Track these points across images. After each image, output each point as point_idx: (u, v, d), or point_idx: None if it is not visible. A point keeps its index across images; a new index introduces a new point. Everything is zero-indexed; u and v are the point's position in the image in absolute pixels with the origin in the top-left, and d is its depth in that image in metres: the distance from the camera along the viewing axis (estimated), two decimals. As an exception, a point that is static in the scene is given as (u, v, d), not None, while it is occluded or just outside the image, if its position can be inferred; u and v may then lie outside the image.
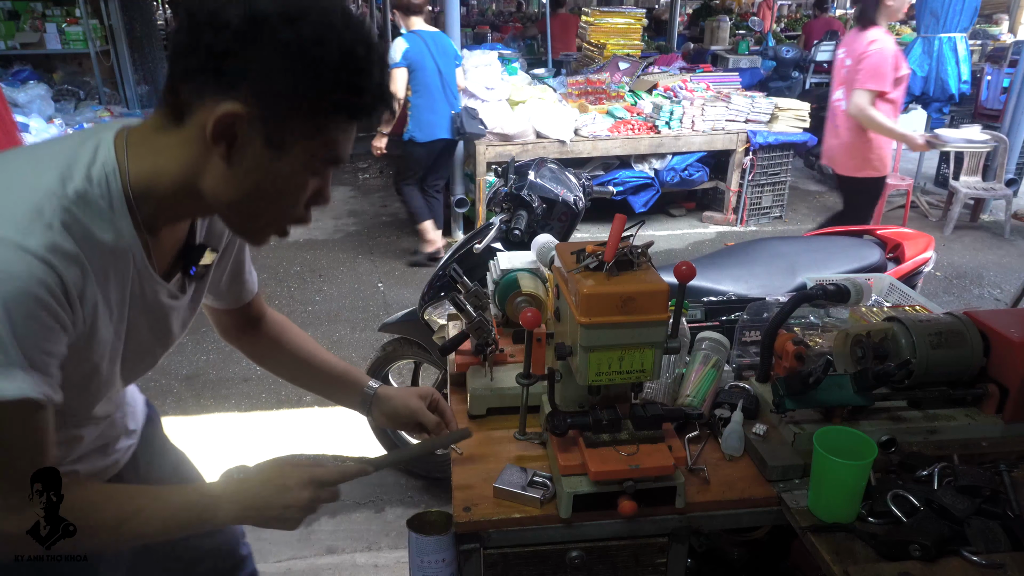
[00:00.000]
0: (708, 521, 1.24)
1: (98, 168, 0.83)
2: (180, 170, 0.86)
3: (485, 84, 5.44)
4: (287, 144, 0.84)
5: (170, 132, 0.85)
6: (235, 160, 0.84)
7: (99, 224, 0.84)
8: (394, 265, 5.29)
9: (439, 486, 2.88)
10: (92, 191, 0.82)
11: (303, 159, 0.86)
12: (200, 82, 0.80)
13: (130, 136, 0.87)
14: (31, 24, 6.17)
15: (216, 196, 0.87)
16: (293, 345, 1.35)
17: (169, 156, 0.86)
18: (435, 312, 2.58)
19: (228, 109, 0.80)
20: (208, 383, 3.66)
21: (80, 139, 0.87)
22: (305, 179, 0.89)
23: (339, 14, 0.82)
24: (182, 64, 0.81)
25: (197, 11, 0.79)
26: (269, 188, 0.87)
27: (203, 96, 0.81)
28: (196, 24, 0.79)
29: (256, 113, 0.81)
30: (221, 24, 0.77)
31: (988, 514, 1.12)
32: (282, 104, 0.82)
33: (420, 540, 1.17)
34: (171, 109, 0.84)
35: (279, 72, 0.80)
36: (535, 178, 2.60)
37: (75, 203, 0.81)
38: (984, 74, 7.11)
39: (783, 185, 6.12)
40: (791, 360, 1.36)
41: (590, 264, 1.13)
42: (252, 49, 0.78)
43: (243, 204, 0.89)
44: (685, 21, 14.63)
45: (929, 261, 2.85)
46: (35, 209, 0.78)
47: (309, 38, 0.79)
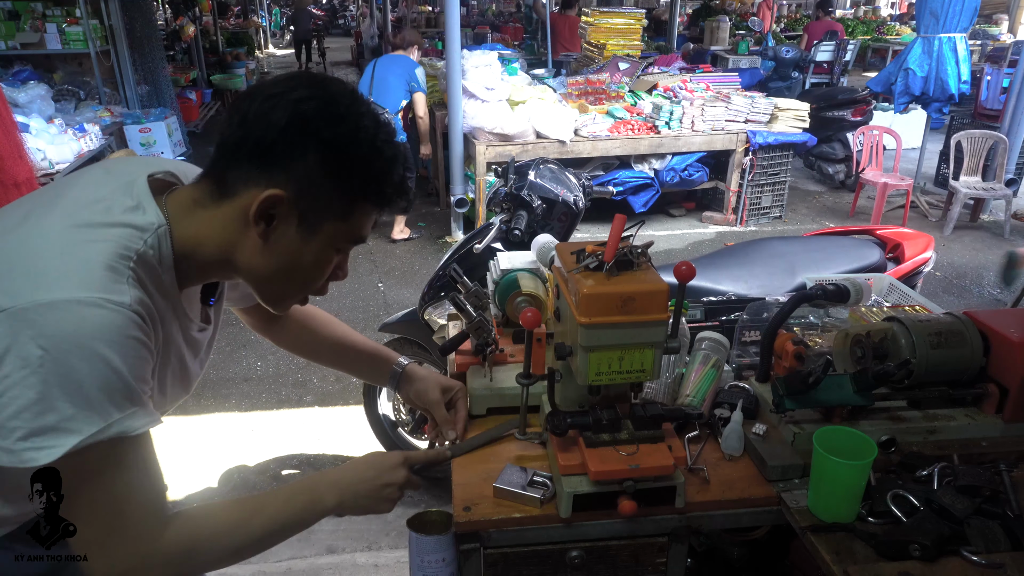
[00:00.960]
0: (708, 521, 1.24)
1: (151, 234, 0.92)
2: (220, 242, 0.97)
3: (485, 84, 5.45)
4: (318, 226, 0.96)
5: (212, 207, 0.96)
6: (271, 239, 0.95)
7: (153, 280, 0.93)
8: (394, 265, 5.29)
9: (439, 486, 2.88)
10: (148, 253, 0.91)
11: (331, 240, 0.99)
12: (246, 169, 0.92)
13: (171, 201, 0.97)
14: (31, 24, 6.17)
15: (249, 269, 0.99)
16: (322, 330, 1.42)
17: (211, 229, 0.96)
18: (435, 312, 2.59)
19: (272, 193, 0.91)
20: (208, 383, 3.66)
21: (118, 190, 0.94)
22: (331, 257, 1.01)
23: (370, 118, 0.95)
24: (231, 152, 0.93)
25: (248, 110, 0.92)
26: (298, 265, 0.99)
27: (248, 182, 0.93)
28: (246, 121, 0.92)
29: (294, 198, 0.93)
30: (270, 123, 0.90)
31: (988, 514, 1.12)
32: (317, 192, 0.94)
33: (420, 540, 1.18)
34: (216, 187, 0.95)
35: (317, 165, 0.92)
36: (535, 178, 2.60)
37: (138, 263, 0.89)
38: (984, 74, 7.11)
39: (783, 185, 6.12)
40: (791, 360, 1.36)
41: (590, 264, 1.13)
42: (296, 145, 0.91)
43: (273, 278, 1.00)
44: (685, 21, 14.64)
45: (929, 261, 2.85)
46: (111, 269, 0.86)
47: (345, 138, 0.93)
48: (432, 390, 1.41)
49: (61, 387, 0.80)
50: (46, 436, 0.81)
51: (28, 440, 0.81)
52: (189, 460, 3.00)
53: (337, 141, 0.92)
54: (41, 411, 0.80)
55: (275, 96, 0.92)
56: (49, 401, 0.80)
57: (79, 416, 0.81)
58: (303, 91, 0.93)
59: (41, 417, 0.80)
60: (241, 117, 0.92)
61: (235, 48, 13.14)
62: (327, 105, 0.92)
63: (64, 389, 0.81)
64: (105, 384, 0.83)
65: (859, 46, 12.20)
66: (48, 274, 0.84)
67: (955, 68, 5.79)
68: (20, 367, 0.79)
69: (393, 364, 1.44)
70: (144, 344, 0.88)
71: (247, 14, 18.30)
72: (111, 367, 0.83)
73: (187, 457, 3.02)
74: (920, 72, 5.90)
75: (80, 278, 0.84)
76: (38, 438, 0.81)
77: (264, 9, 20.94)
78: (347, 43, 18.12)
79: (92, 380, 0.82)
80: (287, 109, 0.91)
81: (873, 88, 6.54)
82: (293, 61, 17.58)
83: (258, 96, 0.93)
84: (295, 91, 0.92)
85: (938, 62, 5.81)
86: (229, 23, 15.99)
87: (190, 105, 8.93)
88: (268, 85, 0.94)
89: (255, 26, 17.37)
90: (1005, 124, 5.93)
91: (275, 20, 23.19)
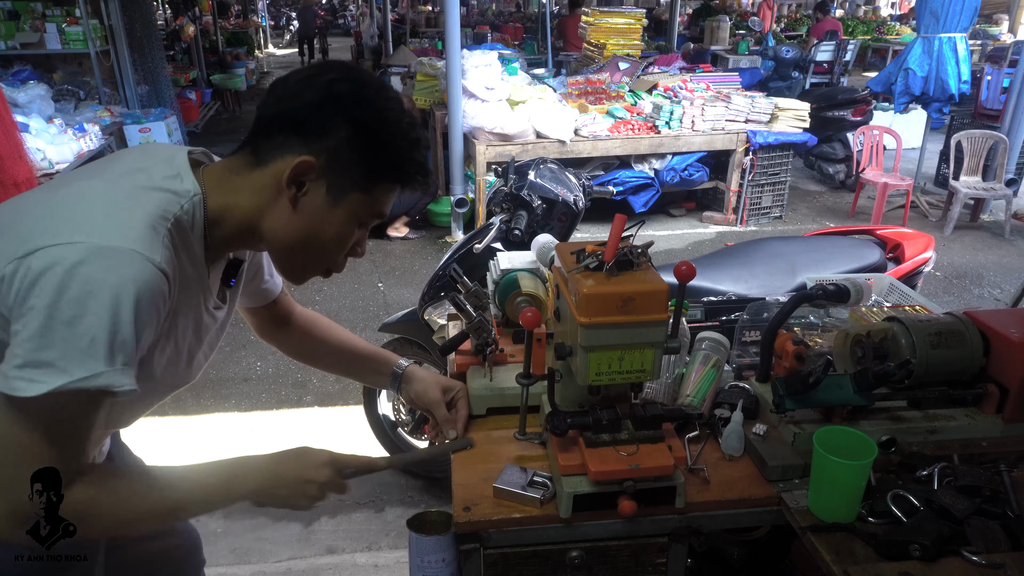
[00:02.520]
0: (708, 521, 1.23)
1: (188, 200, 0.97)
2: (249, 207, 1.02)
3: (485, 84, 5.44)
4: (343, 197, 1.02)
5: (245, 175, 1.02)
6: (299, 204, 1.01)
7: (184, 246, 0.97)
8: (394, 265, 5.29)
9: (439, 486, 2.88)
10: (184, 218, 0.96)
11: (354, 211, 1.04)
12: (281, 140, 0.99)
13: (207, 172, 1.02)
14: (31, 24, 6.17)
15: (274, 235, 1.03)
16: (324, 337, 1.46)
17: (242, 195, 1.02)
18: (435, 312, 2.58)
19: (305, 159, 0.98)
20: (208, 383, 3.66)
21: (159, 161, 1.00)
22: (352, 229, 1.06)
23: (396, 103, 1.03)
24: (267, 124, 1.00)
25: (284, 89, 1.00)
26: (321, 234, 1.04)
27: (283, 150, 0.99)
28: (282, 98, 0.99)
29: (324, 167, 0.99)
30: (305, 100, 0.98)
31: (988, 514, 1.12)
32: (346, 164, 1.00)
33: (420, 540, 1.17)
34: (252, 156, 1.01)
35: (347, 140, 0.99)
36: (535, 178, 2.60)
37: (174, 226, 0.94)
38: (984, 74, 7.11)
39: (783, 185, 6.12)
40: (791, 360, 1.36)
41: (590, 264, 1.13)
42: (328, 120, 0.98)
43: (296, 246, 1.05)
44: (685, 21, 14.64)
45: (929, 261, 2.85)
46: (151, 228, 0.91)
47: (374, 118, 1.00)
48: (432, 390, 1.42)
49: (70, 325, 0.83)
50: (40, 370, 0.83)
51: (23, 370, 0.83)
52: (189, 460, 2.99)
53: (366, 120, 0.99)
54: (43, 344, 0.83)
55: (310, 77, 1.00)
56: (55, 336, 0.83)
57: (76, 359, 0.84)
58: (336, 74, 1.00)
59: (41, 351, 0.83)
60: (277, 95, 1.00)
61: (235, 48, 13.14)
62: (358, 88, 1.00)
63: (73, 328, 0.83)
64: (112, 332, 0.85)
65: (859, 46, 12.20)
66: (91, 222, 0.88)
67: (955, 68, 5.79)
68: (43, 298, 0.83)
69: (393, 366, 1.45)
70: (157, 308, 0.91)
71: (247, 14, 18.33)
72: (124, 317, 0.86)
73: (187, 457, 3.01)
74: (920, 72, 5.90)
75: (120, 229, 0.88)
76: (32, 370, 0.83)
77: (264, 9, 20.94)
78: (347, 43, 18.13)
79: (102, 325, 0.84)
80: (321, 88, 0.98)
81: (873, 88, 6.53)
82: (293, 61, 17.61)
83: (294, 77, 1.01)
84: (329, 74, 1.00)
85: (938, 62, 5.81)
86: (229, 23, 16.00)
87: (190, 105, 8.93)
88: (304, 69, 1.02)
89: (255, 26, 17.39)
90: (1005, 124, 5.93)
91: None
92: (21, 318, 0.84)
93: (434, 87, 6.30)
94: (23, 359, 0.83)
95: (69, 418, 0.89)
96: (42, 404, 0.84)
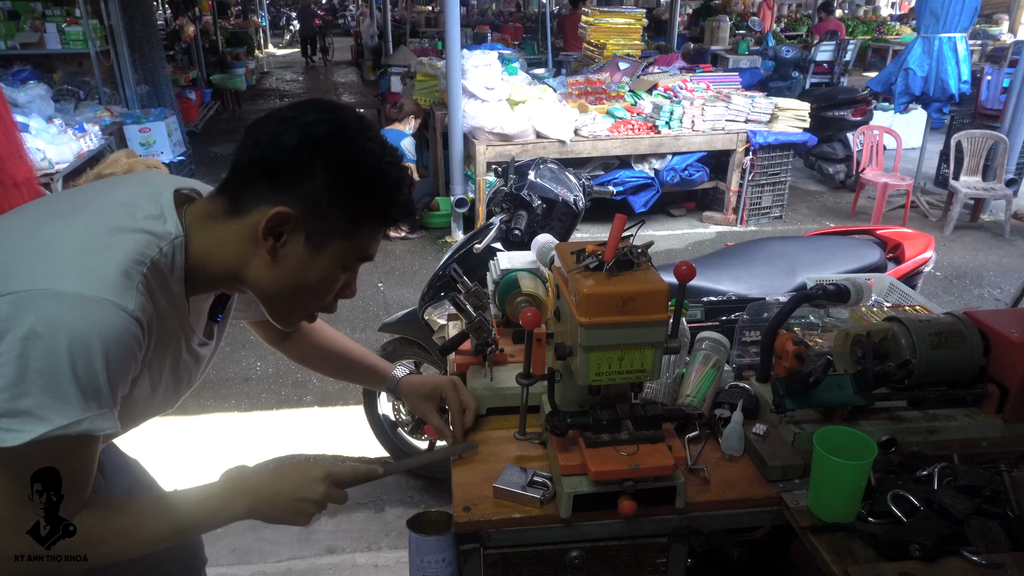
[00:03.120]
0: (708, 521, 1.24)
1: (167, 243, 0.96)
2: (230, 257, 1.00)
3: (485, 84, 5.44)
4: (325, 245, 1.00)
5: (225, 223, 0.99)
6: (279, 255, 0.99)
7: (162, 288, 0.96)
8: (394, 265, 5.29)
9: (439, 486, 2.88)
10: (162, 261, 0.95)
11: (337, 257, 1.02)
12: (257, 188, 0.96)
13: (189, 212, 1.01)
14: (31, 24, 6.16)
15: (258, 284, 1.02)
16: (327, 346, 1.46)
17: (223, 243, 1.00)
18: (435, 312, 2.58)
19: (280, 210, 0.95)
20: (208, 383, 3.66)
21: (145, 197, 0.99)
22: (337, 275, 1.04)
23: (377, 142, 0.99)
24: (244, 171, 0.97)
25: (261, 132, 0.97)
26: (305, 282, 1.02)
27: (259, 200, 0.96)
28: (259, 142, 0.96)
29: (301, 216, 0.96)
30: (281, 145, 0.95)
31: (988, 514, 1.12)
32: (325, 211, 0.97)
33: (420, 540, 1.18)
34: (229, 204, 0.99)
35: (325, 185, 0.96)
36: (535, 178, 2.60)
37: (150, 270, 0.93)
38: (984, 74, 7.11)
39: (783, 185, 6.12)
40: (791, 360, 1.36)
41: (590, 264, 1.13)
42: (304, 165, 0.95)
43: (280, 294, 1.03)
44: (685, 21, 14.64)
45: (929, 261, 2.85)
46: (124, 274, 0.89)
47: (352, 160, 0.97)
48: (420, 403, 1.43)
49: (44, 374, 0.83)
50: (19, 419, 0.83)
51: (1, 420, 0.83)
52: (189, 460, 3.00)
53: (344, 163, 0.96)
54: (19, 394, 0.83)
55: (287, 120, 0.96)
56: (29, 385, 0.83)
57: (54, 407, 0.84)
58: (314, 115, 0.97)
59: (17, 400, 0.83)
60: (255, 139, 0.97)
61: (235, 48, 13.15)
62: (336, 129, 0.97)
63: (47, 376, 0.83)
64: (87, 380, 0.85)
65: (859, 46, 12.20)
66: (66, 267, 0.87)
67: (955, 68, 5.79)
68: (13, 347, 0.82)
69: (388, 376, 1.47)
70: (133, 355, 0.91)
71: (247, 14, 18.35)
72: (97, 366, 0.85)
73: (187, 457, 3.02)
74: (920, 72, 5.90)
75: (94, 276, 0.87)
76: (10, 419, 0.83)
77: (264, 9, 20.97)
78: (347, 43, 18.18)
79: (76, 373, 0.84)
80: (298, 131, 0.95)
81: (873, 88, 6.53)
82: (292, 61, 17.71)
83: (271, 119, 0.98)
84: (307, 115, 0.97)
85: (938, 62, 5.81)
86: (229, 23, 16.02)
87: (190, 105, 8.93)
88: (283, 110, 0.99)
89: (255, 26, 17.42)
90: (1005, 124, 5.92)
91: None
92: None
93: (434, 87, 6.30)
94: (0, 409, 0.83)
95: (55, 463, 0.89)
96: (25, 453, 0.84)
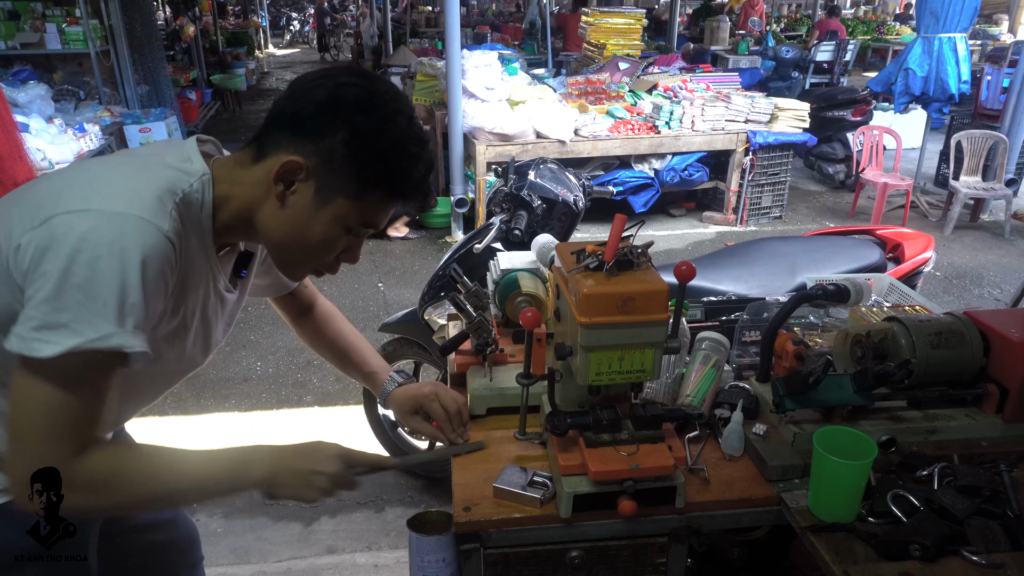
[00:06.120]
0: (708, 521, 1.24)
1: (196, 179, 1.01)
2: (244, 199, 1.04)
3: (485, 84, 5.44)
4: (331, 200, 1.02)
5: (247, 168, 1.04)
6: (287, 203, 1.02)
7: (192, 222, 1.00)
8: (394, 265, 5.29)
9: (439, 486, 2.88)
10: (193, 195, 1.00)
11: (341, 215, 1.04)
12: (281, 136, 1.01)
13: (216, 163, 1.05)
14: (31, 24, 6.15)
15: (266, 229, 1.05)
16: (336, 336, 1.49)
17: (240, 186, 1.04)
18: (435, 312, 2.58)
19: (293, 158, 0.99)
20: (208, 383, 3.67)
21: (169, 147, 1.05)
22: (339, 234, 1.06)
23: (405, 115, 1.03)
24: (273, 120, 1.02)
25: (299, 86, 1.02)
26: (307, 234, 1.05)
27: (280, 147, 1.01)
28: (293, 94, 1.02)
29: (314, 169, 1.00)
30: (311, 99, 1.00)
31: (988, 514, 1.12)
32: (336, 169, 1.00)
33: (420, 540, 1.17)
34: (255, 151, 1.04)
35: (342, 145, 0.99)
36: (535, 178, 2.60)
37: (182, 200, 0.97)
38: (984, 74, 7.10)
39: (783, 185, 6.12)
40: (791, 360, 1.36)
41: (590, 264, 1.13)
42: (327, 122, 0.99)
43: (284, 243, 1.06)
44: (685, 21, 14.64)
45: (929, 261, 2.85)
46: (159, 199, 0.94)
47: (373, 126, 1.00)
48: (407, 417, 1.42)
49: (84, 289, 0.86)
50: (56, 331, 0.86)
51: (39, 331, 0.87)
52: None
53: (365, 128, 0.99)
54: (59, 307, 0.86)
55: (324, 77, 1.02)
56: (68, 299, 0.86)
57: (90, 321, 0.87)
58: (348, 78, 1.01)
59: (55, 313, 0.86)
60: (292, 91, 1.02)
61: (235, 48, 13.13)
62: (366, 95, 1.00)
63: (85, 291, 0.86)
64: (122, 294, 0.88)
65: (859, 46, 12.20)
66: (102, 191, 0.92)
67: (955, 68, 5.79)
68: (57, 262, 0.86)
69: (382, 386, 1.47)
70: (165, 276, 0.94)
71: (247, 14, 18.39)
72: (134, 279, 0.89)
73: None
74: (920, 72, 5.90)
75: (130, 198, 0.92)
76: (48, 331, 0.86)
77: (264, 9, 21.01)
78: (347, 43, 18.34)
79: (112, 287, 0.87)
80: (329, 90, 1.00)
81: (873, 88, 6.53)
82: (292, 61, 18.15)
83: (311, 76, 1.03)
84: (342, 77, 1.02)
85: (938, 62, 5.81)
86: (229, 23, 16.02)
87: (190, 105, 8.92)
88: (325, 70, 1.04)
89: (255, 26, 17.47)
90: (1005, 124, 5.92)
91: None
92: (35, 282, 0.87)
93: (434, 87, 6.30)
94: (39, 321, 0.86)
95: (85, 379, 0.91)
96: (58, 364, 0.87)
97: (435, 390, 1.40)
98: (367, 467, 1.19)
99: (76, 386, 0.91)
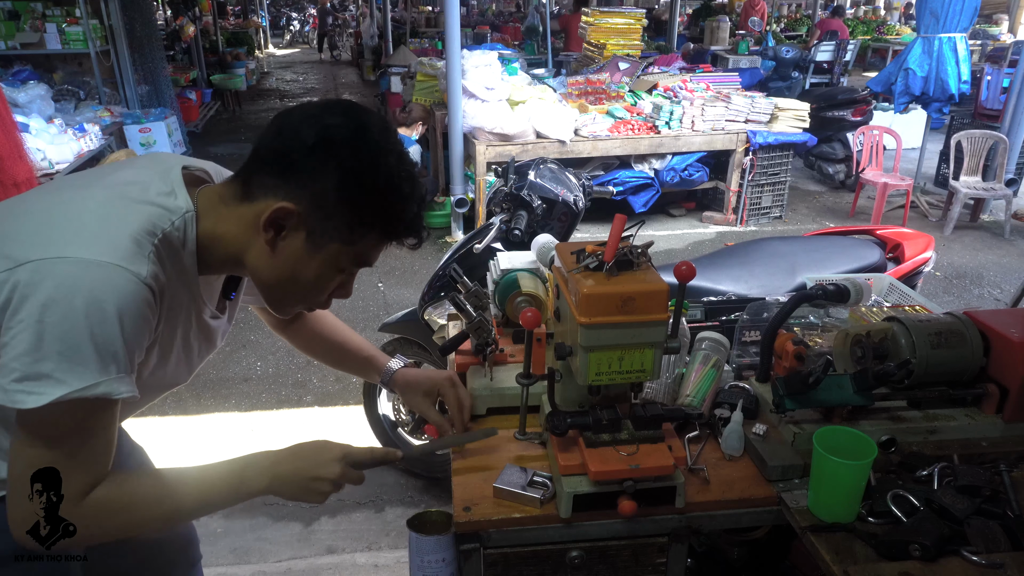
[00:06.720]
0: (708, 521, 1.24)
1: (179, 217, 0.98)
2: (234, 240, 1.02)
3: (485, 84, 5.44)
4: (324, 246, 1.01)
5: (234, 207, 1.01)
6: (277, 248, 1.01)
7: (173, 260, 0.98)
8: (394, 265, 5.29)
9: (439, 486, 2.88)
10: (173, 234, 0.97)
11: (334, 260, 1.03)
12: (269, 178, 0.98)
13: (202, 194, 1.03)
14: (31, 24, 6.16)
15: (256, 271, 1.04)
16: (327, 334, 1.48)
17: (229, 226, 1.02)
18: (435, 312, 2.58)
19: (283, 205, 0.97)
20: (208, 383, 3.67)
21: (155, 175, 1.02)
22: (333, 276, 1.06)
23: (395, 154, 1.00)
24: (259, 159, 1.00)
25: (285, 123, 0.99)
26: (299, 277, 1.04)
27: (267, 190, 0.98)
28: (280, 132, 0.98)
29: (305, 214, 0.98)
30: (300, 140, 0.96)
31: (988, 514, 1.12)
32: (329, 214, 0.98)
33: (420, 540, 1.18)
34: (241, 189, 1.01)
35: (334, 188, 0.97)
36: (535, 178, 2.60)
37: (161, 241, 0.95)
38: (984, 74, 7.10)
39: (783, 185, 6.11)
40: (791, 360, 1.36)
41: (590, 264, 1.13)
42: (317, 164, 0.96)
43: (275, 285, 1.05)
44: (685, 21, 14.64)
45: (929, 261, 2.85)
46: (136, 243, 0.92)
47: (365, 166, 0.98)
48: (417, 398, 1.42)
49: (62, 339, 0.86)
50: (39, 382, 0.86)
51: (22, 383, 0.86)
52: (189, 460, 2.99)
53: (357, 169, 0.97)
54: (39, 358, 0.86)
55: (312, 116, 0.98)
56: (48, 350, 0.85)
57: (72, 370, 0.87)
58: (337, 118, 0.98)
59: (36, 364, 0.86)
60: (278, 128, 0.99)
61: (235, 48, 13.13)
62: (356, 133, 0.98)
63: (65, 341, 0.86)
64: (104, 343, 0.88)
65: (859, 46, 12.20)
66: (80, 236, 0.90)
67: (955, 68, 5.79)
68: (32, 313, 0.85)
69: (383, 369, 1.46)
70: (147, 320, 0.93)
71: (247, 14, 18.40)
72: (112, 329, 0.88)
73: (187, 457, 3.02)
74: (920, 72, 5.90)
75: (107, 244, 0.90)
76: (31, 383, 0.86)
77: (264, 9, 21.03)
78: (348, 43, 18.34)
79: (93, 337, 0.87)
80: (318, 130, 0.96)
81: (873, 88, 6.53)
82: (292, 61, 18.09)
83: (297, 113, 1.00)
84: (330, 116, 0.98)
85: (938, 62, 5.81)
86: (229, 23, 16.03)
87: (190, 105, 8.93)
88: (311, 106, 1.01)
89: (255, 26, 17.48)
90: (1005, 124, 5.92)
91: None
92: (11, 331, 0.86)
93: (434, 87, 6.30)
94: (21, 373, 0.86)
95: (76, 426, 0.92)
96: (45, 414, 0.87)
97: (453, 378, 1.41)
98: (372, 463, 1.18)
99: (66, 433, 0.91)
